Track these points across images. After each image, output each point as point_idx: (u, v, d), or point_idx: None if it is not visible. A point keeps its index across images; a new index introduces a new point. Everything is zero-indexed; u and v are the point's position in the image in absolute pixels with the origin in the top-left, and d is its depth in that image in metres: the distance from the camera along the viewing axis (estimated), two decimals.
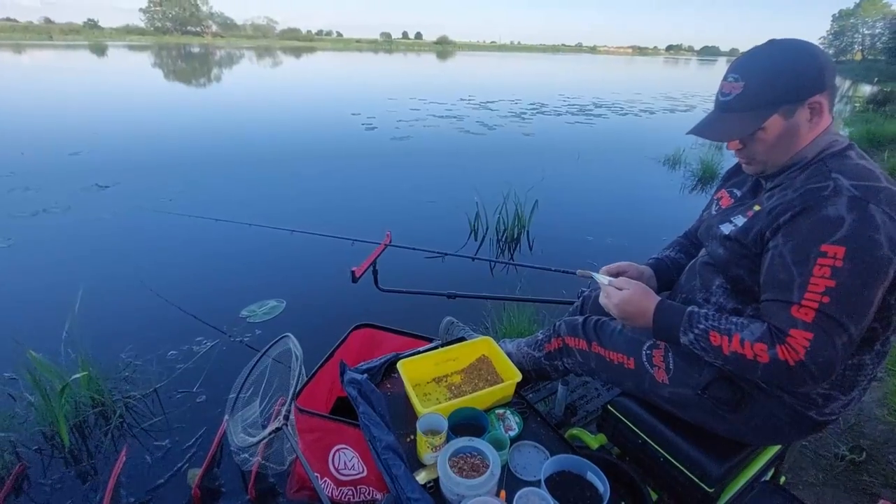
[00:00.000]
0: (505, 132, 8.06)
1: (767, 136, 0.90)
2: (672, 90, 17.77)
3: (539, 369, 1.37)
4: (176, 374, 2.07)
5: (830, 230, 0.80)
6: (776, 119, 0.88)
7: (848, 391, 0.94)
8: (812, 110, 0.87)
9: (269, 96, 12.29)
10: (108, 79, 15.54)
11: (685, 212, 4.64)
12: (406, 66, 32.14)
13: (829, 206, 0.81)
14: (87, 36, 68.97)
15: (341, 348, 1.55)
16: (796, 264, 0.82)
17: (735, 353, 0.87)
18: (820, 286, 0.79)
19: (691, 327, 0.93)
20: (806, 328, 0.80)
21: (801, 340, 0.80)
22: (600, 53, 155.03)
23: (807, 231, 0.82)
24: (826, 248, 0.79)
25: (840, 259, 0.78)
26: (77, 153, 5.75)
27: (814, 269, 0.80)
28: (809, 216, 0.82)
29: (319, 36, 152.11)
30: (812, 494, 1.55)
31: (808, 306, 0.80)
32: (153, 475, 1.61)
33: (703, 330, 0.91)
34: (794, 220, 0.84)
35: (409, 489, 0.94)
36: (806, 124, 0.89)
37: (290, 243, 3.19)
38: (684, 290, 1.13)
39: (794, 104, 0.87)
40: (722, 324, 0.90)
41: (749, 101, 0.89)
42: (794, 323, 0.81)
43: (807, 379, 0.81)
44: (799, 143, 0.90)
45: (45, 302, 2.61)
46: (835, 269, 0.78)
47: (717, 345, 0.89)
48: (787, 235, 0.84)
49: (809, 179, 0.87)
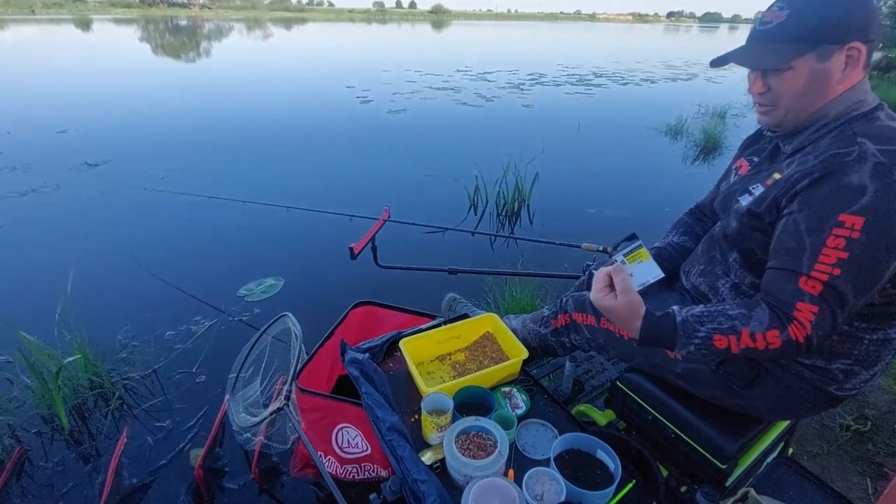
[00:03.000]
0: (503, 104, 7.88)
1: (796, 78, 0.83)
2: (673, 58, 17.37)
3: (545, 346, 1.34)
4: (174, 354, 2.05)
5: (851, 199, 0.74)
6: (810, 59, 0.81)
7: (871, 367, 0.91)
8: (849, 57, 0.81)
9: (261, 69, 11.96)
10: (93, 54, 15.08)
11: (688, 182, 4.57)
12: (401, 36, 31.29)
13: (852, 172, 0.75)
14: (70, 9, 66.84)
15: (341, 326, 1.52)
16: (810, 233, 0.77)
17: (747, 348, 0.81)
18: (832, 258, 0.75)
19: (689, 338, 0.85)
20: (812, 301, 0.76)
21: (806, 314, 0.77)
22: (599, 21, 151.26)
23: (826, 199, 0.77)
24: (844, 218, 0.74)
25: (857, 230, 0.73)
26: (64, 131, 5.60)
27: (827, 240, 0.75)
28: (829, 183, 0.77)
29: (310, 6, 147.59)
30: (817, 465, 1.55)
31: (817, 278, 0.76)
32: (155, 456, 1.60)
33: (705, 336, 0.83)
34: (812, 186, 0.79)
35: (415, 471, 0.91)
36: (839, 73, 0.82)
37: (287, 220, 3.13)
38: (702, 261, 1.08)
39: (833, 45, 0.80)
40: (723, 323, 0.83)
41: (789, 31, 0.82)
42: (801, 296, 0.77)
43: (804, 351, 0.79)
44: (827, 93, 0.84)
45: (37, 283, 2.56)
46: (850, 241, 0.74)
47: (724, 347, 0.82)
48: (804, 202, 0.79)
49: (832, 144, 0.81)
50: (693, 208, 1.30)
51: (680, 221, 1.28)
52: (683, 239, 1.22)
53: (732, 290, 0.99)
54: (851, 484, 1.49)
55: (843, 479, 1.50)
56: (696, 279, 1.09)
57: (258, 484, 1.51)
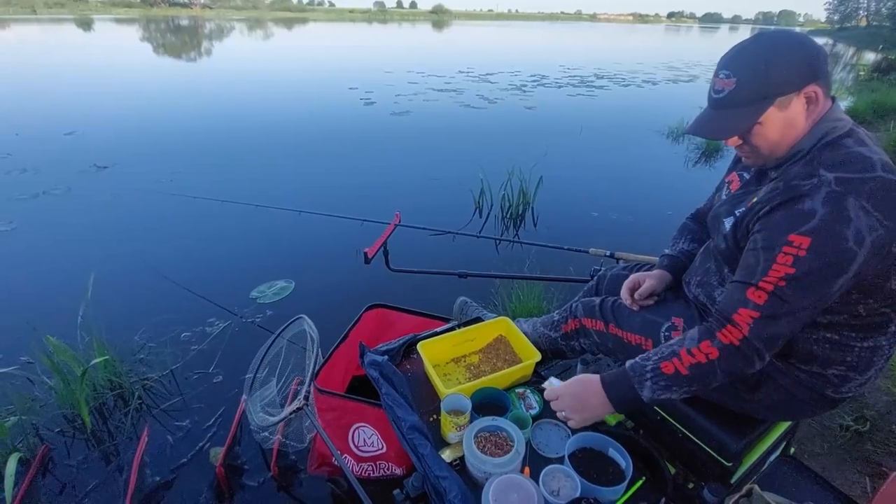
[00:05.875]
0: (506, 105, 7.93)
1: (766, 129, 0.89)
2: (674, 60, 17.41)
3: (555, 349, 1.39)
4: (191, 355, 2.09)
5: (801, 221, 0.81)
6: (773, 112, 0.87)
7: (864, 372, 0.96)
8: (808, 99, 0.87)
9: (263, 71, 12.00)
10: (97, 54, 15.13)
11: (690, 185, 4.62)
12: (402, 37, 31.33)
13: (806, 199, 0.82)
14: (72, 9, 66.81)
15: (355, 329, 1.56)
16: (764, 250, 0.84)
17: (691, 365, 0.87)
18: (780, 272, 0.81)
19: (642, 376, 0.91)
20: (755, 308, 0.83)
21: (745, 318, 0.84)
22: (600, 21, 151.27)
23: (779, 220, 0.84)
24: (793, 238, 0.81)
25: (804, 249, 0.80)
26: (72, 133, 5.65)
27: (777, 257, 0.82)
28: (786, 207, 0.84)
29: (311, 6, 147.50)
30: (817, 464, 1.60)
31: (764, 289, 0.83)
32: (176, 455, 1.64)
33: (653, 368, 0.90)
34: (772, 210, 0.86)
35: (436, 467, 0.96)
36: (803, 113, 0.88)
37: (296, 223, 3.19)
38: (699, 272, 1.13)
39: (789, 95, 0.86)
40: (664, 351, 0.91)
41: (743, 96, 0.88)
42: (745, 303, 0.84)
43: (753, 356, 0.84)
44: (799, 133, 0.90)
45: (53, 285, 2.61)
46: (797, 259, 0.80)
47: (674, 371, 0.88)
48: (763, 224, 0.87)
49: (798, 174, 0.86)
50: (695, 213, 1.34)
51: (686, 227, 1.32)
52: (693, 246, 1.26)
53: None
54: (851, 482, 1.53)
55: (842, 478, 1.55)
56: (695, 290, 1.14)
57: (276, 481, 1.55)
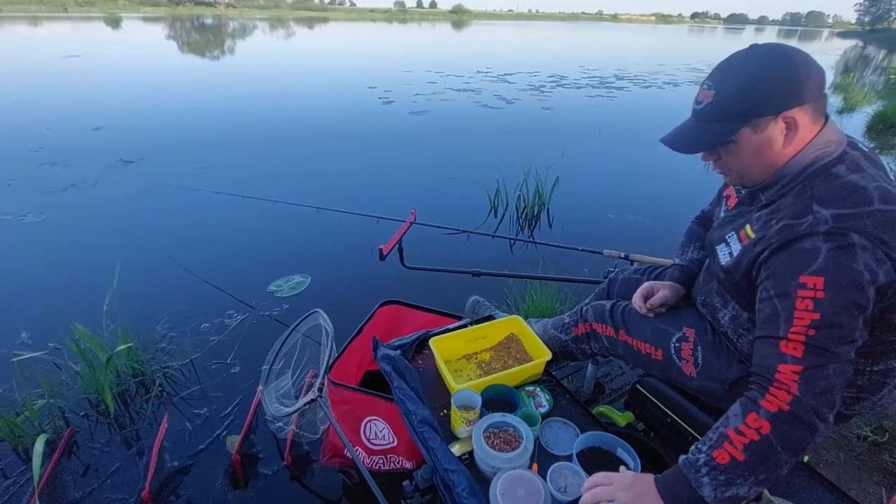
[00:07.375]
0: (524, 106, 7.91)
1: (740, 149, 0.85)
2: (697, 61, 17.10)
3: (566, 351, 1.39)
4: (210, 346, 2.15)
5: (807, 261, 0.77)
6: (746, 133, 0.83)
7: (876, 392, 0.95)
8: (787, 125, 0.82)
9: (284, 69, 12.19)
10: (125, 51, 15.54)
11: (707, 188, 4.53)
12: (421, 36, 31.42)
13: (805, 239, 0.78)
14: (101, 7, 68.67)
15: (369, 324, 1.59)
16: (779, 298, 0.80)
17: (745, 447, 0.76)
18: (805, 319, 0.76)
19: (697, 472, 0.78)
20: (796, 362, 0.76)
21: (789, 375, 0.76)
22: (622, 21, 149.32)
23: (784, 264, 0.80)
24: (805, 279, 0.77)
25: (820, 290, 0.75)
26: (99, 128, 5.83)
27: (796, 303, 0.77)
28: (786, 249, 0.80)
29: (332, 5, 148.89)
30: (833, 474, 1.57)
31: (796, 339, 0.77)
32: (194, 441, 1.70)
33: (707, 460, 0.78)
34: (772, 255, 0.82)
35: (445, 461, 0.98)
36: (780, 139, 0.83)
37: (313, 219, 3.24)
38: (703, 292, 1.13)
39: (765, 118, 0.81)
40: (712, 437, 0.80)
41: (717, 112, 0.84)
42: (783, 358, 0.77)
43: (811, 417, 0.74)
44: (777, 158, 0.85)
45: (80, 275, 2.71)
46: (817, 301, 0.76)
47: (729, 459, 0.76)
48: (768, 270, 0.83)
49: (789, 211, 0.83)
50: (700, 216, 1.30)
51: (694, 233, 1.28)
52: (702, 254, 1.23)
53: (733, 322, 1.03)
54: (866, 493, 1.51)
55: (858, 488, 1.52)
56: (701, 308, 1.14)
57: (290, 471, 1.59)
